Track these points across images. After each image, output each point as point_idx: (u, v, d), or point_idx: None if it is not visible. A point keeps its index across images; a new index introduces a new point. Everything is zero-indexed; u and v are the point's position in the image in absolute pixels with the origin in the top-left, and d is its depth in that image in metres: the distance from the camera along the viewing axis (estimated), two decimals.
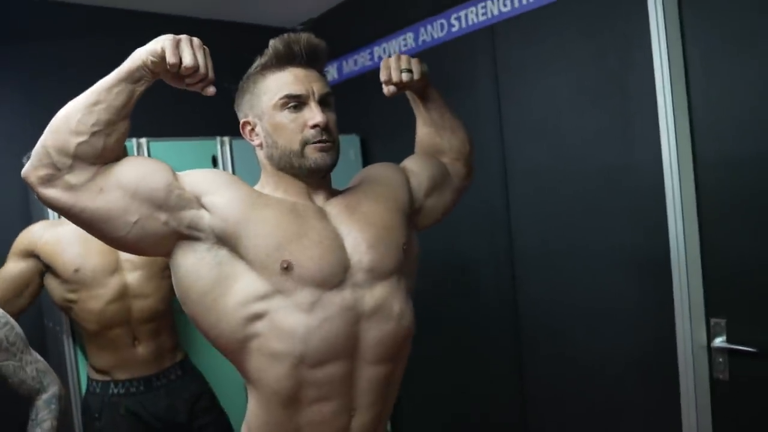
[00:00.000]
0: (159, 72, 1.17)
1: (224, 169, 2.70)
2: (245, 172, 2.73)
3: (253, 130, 1.35)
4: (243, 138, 1.38)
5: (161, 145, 2.58)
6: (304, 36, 1.32)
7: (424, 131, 1.63)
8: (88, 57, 2.90)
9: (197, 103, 2.82)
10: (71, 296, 2.12)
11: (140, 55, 1.15)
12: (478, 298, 2.67)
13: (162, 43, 1.14)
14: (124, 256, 2.13)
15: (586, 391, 2.29)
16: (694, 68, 1.92)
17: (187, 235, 1.21)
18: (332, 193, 1.39)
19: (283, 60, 1.31)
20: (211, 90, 1.23)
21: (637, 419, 2.13)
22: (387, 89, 1.44)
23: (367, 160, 3.17)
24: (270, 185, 1.35)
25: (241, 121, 1.37)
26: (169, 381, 2.22)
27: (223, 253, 1.22)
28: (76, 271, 2.07)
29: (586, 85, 2.20)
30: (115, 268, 2.12)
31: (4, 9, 2.74)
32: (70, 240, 2.09)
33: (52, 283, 2.15)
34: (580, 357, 2.29)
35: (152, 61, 1.14)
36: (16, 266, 2.12)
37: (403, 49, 2.86)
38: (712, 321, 1.92)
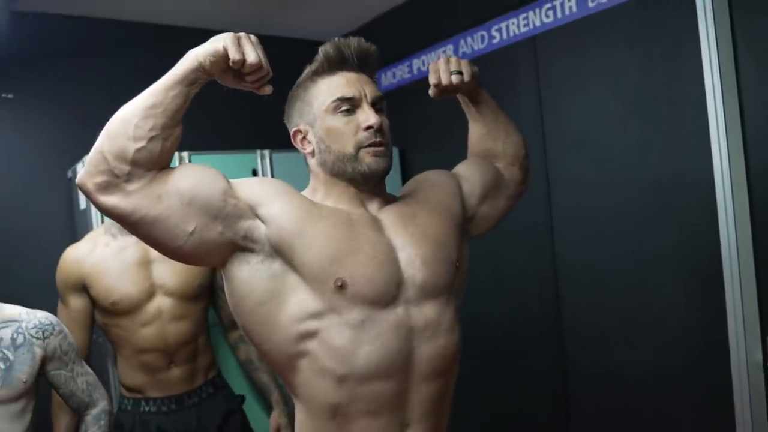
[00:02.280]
0: (216, 72, 1.15)
1: None
2: None
3: (304, 137, 1.32)
4: (283, 151, 1.36)
5: (202, 159, 2.60)
6: (355, 40, 1.30)
7: (476, 135, 1.57)
8: (133, 72, 2.96)
9: (237, 117, 2.87)
10: (107, 321, 2.14)
11: (196, 56, 1.13)
12: (521, 312, 2.63)
13: (222, 41, 1.12)
14: (158, 281, 2.13)
15: (633, 410, 2.23)
16: (747, 78, 1.87)
17: (242, 246, 1.20)
18: (387, 200, 1.35)
19: (334, 65, 1.29)
20: (268, 89, 1.21)
21: None
22: (434, 91, 1.40)
23: (405, 172, 3.16)
24: (321, 191, 1.31)
25: (292, 130, 1.34)
26: (200, 399, 2.21)
27: (277, 266, 1.19)
28: (113, 304, 2.07)
29: (631, 97, 2.16)
30: (151, 295, 2.12)
31: (52, 26, 2.81)
32: (107, 268, 2.09)
33: None
34: (627, 373, 2.24)
35: (211, 61, 1.12)
36: (78, 302, 2.12)
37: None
38: None
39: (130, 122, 1.10)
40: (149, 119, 1.10)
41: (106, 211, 1.13)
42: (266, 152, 2.75)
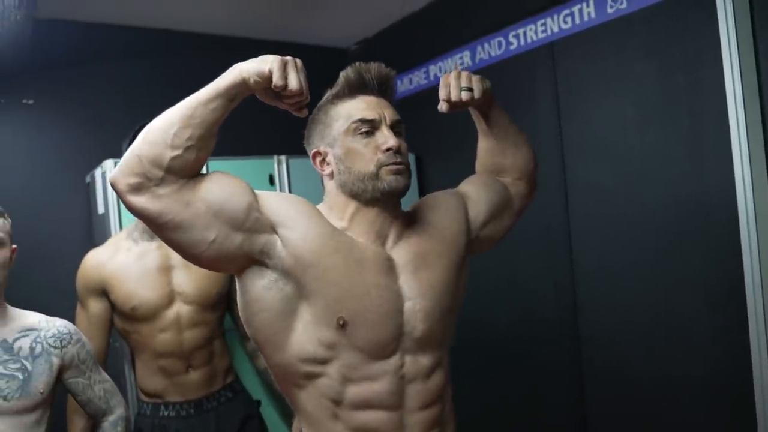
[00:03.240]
0: (257, 90, 1.18)
1: (281, 187, 2.73)
2: (302, 190, 2.74)
3: (323, 160, 1.34)
4: (300, 157, 1.38)
5: (219, 164, 2.60)
6: (375, 65, 1.33)
7: (486, 148, 1.58)
8: (152, 79, 2.99)
9: (255, 123, 2.88)
10: (126, 327, 2.15)
11: (241, 72, 1.15)
12: (539, 318, 2.62)
13: (270, 64, 1.15)
14: (177, 288, 2.14)
15: (651, 417, 2.21)
16: None
17: (259, 260, 1.23)
18: (403, 227, 1.37)
19: (355, 88, 1.32)
20: (304, 112, 1.25)
21: None
22: (442, 106, 1.40)
23: (422, 178, 3.15)
24: (338, 211, 1.33)
25: (312, 152, 1.36)
26: (219, 404, 2.22)
27: (288, 289, 1.23)
28: (133, 309, 2.08)
29: (651, 104, 2.15)
30: (170, 301, 2.13)
31: (72, 33, 2.84)
32: (128, 273, 2.10)
33: None
34: (645, 381, 2.22)
35: (255, 81, 1.15)
36: (97, 306, 2.13)
37: (460, 68, 2.84)
38: None
39: (169, 131, 1.13)
40: (188, 129, 1.14)
41: (135, 211, 1.16)
42: (283, 158, 2.76)
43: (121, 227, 2.43)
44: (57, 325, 1.68)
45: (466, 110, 1.50)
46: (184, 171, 1.15)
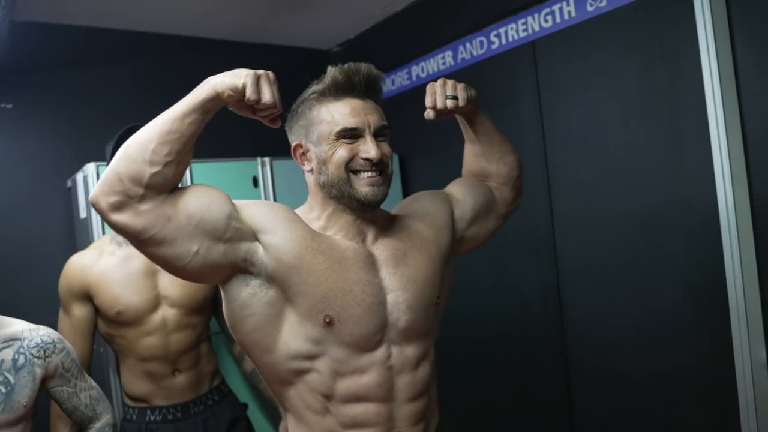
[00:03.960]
0: (231, 103, 1.20)
1: (265, 189, 2.72)
2: (286, 192, 2.76)
3: (304, 154, 1.36)
4: (283, 159, 1.39)
5: (203, 167, 2.61)
6: (365, 67, 1.33)
7: (471, 154, 1.62)
8: (133, 82, 2.97)
9: (238, 125, 2.87)
10: (111, 331, 2.12)
11: (215, 87, 1.16)
12: (524, 316, 2.63)
13: (243, 79, 1.16)
14: (163, 292, 2.13)
15: (637, 412, 2.23)
16: (746, 77, 1.88)
17: (243, 267, 1.25)
18: (383, 227, 1.39)
19: (341, 90, 1.32)
20: (277, 123, 1.27)
21: None
22: (429, 114, 1.43)
23: (406, 178, 3.16)
24: (318, 211, 1.36)
25: (293, 144, 1.38)
26: (206, 407, 2.20)
27: (272, 293, 1.25)
28: (118, 313, 2.06)
29: (631, 100, 2.17)
30: (156, 305, 2.11)
31: (52, 36, 2.82)
32: (112, 277, 2.08)
33: None
34: (631, 376, 2.24)
35: (229, 95, 1.16)
36: (81, 311, 2.10)
37: (442, 67, 2.87)
38: None
39: (148, 147, 1.14)
40: (166, 145, 1.15)
41: (118, 229, 1.17)
42: (267, 159, 2.75)
43: (103, 231, 2.41)
44: (41, 334, 1.65)
45: (452, 115, 1.52)
46: (164, 186, 1.16)
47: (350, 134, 1.29)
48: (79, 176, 2.53)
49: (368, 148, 1.29)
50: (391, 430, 1.31)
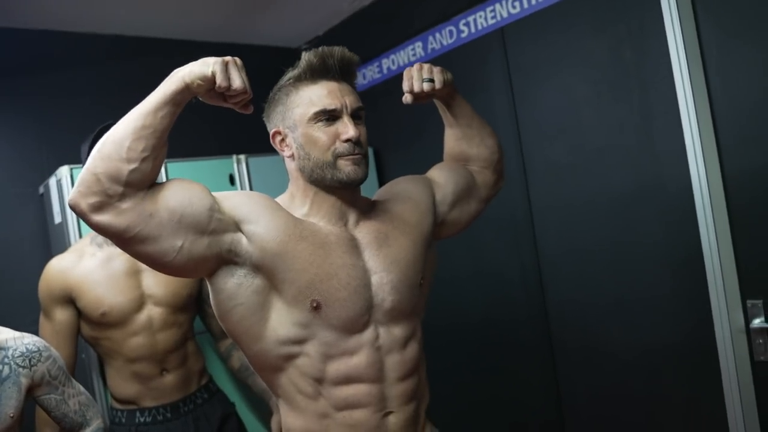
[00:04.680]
0: (201, 93, 1.19)
1: (242, 186, 2.71)
2: (262, 189, 2.70)
3: (283, 140, 1.37)
4: (259, 155, 1.40)
5: (179, 166, 2.59)
6: (338, 50, 1.35)
7: (451, 138, 1.64)
8: (101, 84, 2.94)
9: (213, 123, 2.87)
10: (96, 334, 2.09)
11: (183, 78, 1.16)
12: (506, 300, 2.65)
13: (212, 67, 1.16)
14: (148, 291, 2.11)
15: (622, 385, 2.27)
16: (710, 51, 1.93)
17: (227, 259, 1.26)
18: (364, 211, 1.41)
19: (317, 74, 1.34)
20: (249, 108, 1.27)
21: (679, 407, 2.12)
22: (406, 98, 1.45)
23: (381, 171, 3.17)
24: (300, 198, 1.37)
25: (272, 131, 1.39)
26: (196, 406, 2.19)
27: (258, 282, 1.27)
28: (103, 314, 2.03)
29: (602, 80, 2.21)
30: (141, 305, 2.09)
31: (18, 40, 2.77)
32: (95, 279, 2.05)
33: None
34: (616, 351, 2.28)
35: (199, 84, 1.16)
36: (64, 315, 2.05)
37: (412, 59, 2.89)
38: (749, 303, 1.91)
39: (123, 144, 1.14)
40: (141, 141, 1.15)
41: (100, 230, 1.17)
42: (242, 157, 2.74)
43: (80, 235, 2.37)
44: (25, 342, 1.61)
45: (427, 103, 1.55)
46: (143, 182, 1.16)
47: (328, 116, 1.31)
48: (52, 181, 2.49)
49: (347, 129, 1.30)
50: (383, 409, 1.33)
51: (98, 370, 2.34)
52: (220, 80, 1.16)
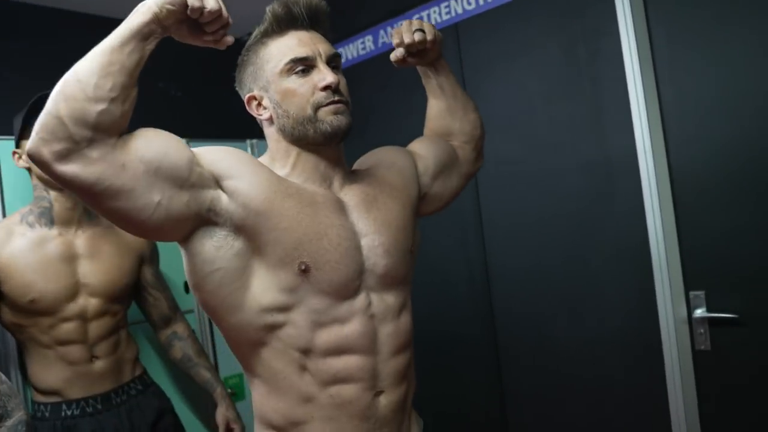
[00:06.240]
0: (171, 25, 1.08)
1: None
2: None
3: (260, 104, 1.29)
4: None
5: (194, 146, 2.46)
6: None
7: (435, 109, 1.59)
8: (31, 57, 2.74)
9: (226, 107, 2.74)
10: (20, 321, 1.93)
11: (150, 7, 1.05)
12: (451, 296, 2.66)
13: None
14: (83, 279, 1.97)
15: (568, 378, 2.31)
16: (660, 52, 2.02)
17: (207, 218, 1.15)
18: (348, 175, 1.35)
19: (284, 24, 1.26)
20: (229, 39, 1.16)
21: (623, 396, 2.17)
22: (397, 52, 1.40)
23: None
24: (281, 160, 1.28)
25: (246, 97, 1.31)
26: (129, 397, 2.05)
27: (239, 244, 1.16)
28: (32, 302, 1.88)
29: (555, 78, 2.26)
30: (74, 294, 1.95)
31: None
32: (24, 262, 1.88)
33: None
34: (562, 344, 2.32)
35: (168, 10, 1.05)
36: None
37: (362, 52, 2.87)
38: (692, 294, 1.99)
39: (89, 82, 1.01)
40: (108, 78, 1.02)
41: (66, 182, 1.04)
42: (255, 142, 2.76)
43: (4, 214, 2.19)
44: None
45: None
46: (113, 127, 1.04)
47: (301, 65, 1.23)
48: None
49: (324, 75, 1.23)
50: (375, 387, 1.25)
51: (17, 362, 2.15)
52: (192, 1, 1.05)
